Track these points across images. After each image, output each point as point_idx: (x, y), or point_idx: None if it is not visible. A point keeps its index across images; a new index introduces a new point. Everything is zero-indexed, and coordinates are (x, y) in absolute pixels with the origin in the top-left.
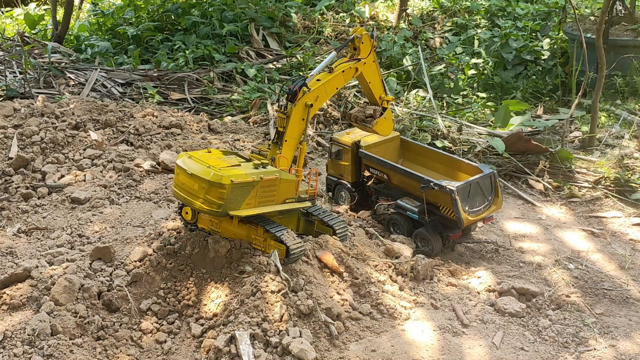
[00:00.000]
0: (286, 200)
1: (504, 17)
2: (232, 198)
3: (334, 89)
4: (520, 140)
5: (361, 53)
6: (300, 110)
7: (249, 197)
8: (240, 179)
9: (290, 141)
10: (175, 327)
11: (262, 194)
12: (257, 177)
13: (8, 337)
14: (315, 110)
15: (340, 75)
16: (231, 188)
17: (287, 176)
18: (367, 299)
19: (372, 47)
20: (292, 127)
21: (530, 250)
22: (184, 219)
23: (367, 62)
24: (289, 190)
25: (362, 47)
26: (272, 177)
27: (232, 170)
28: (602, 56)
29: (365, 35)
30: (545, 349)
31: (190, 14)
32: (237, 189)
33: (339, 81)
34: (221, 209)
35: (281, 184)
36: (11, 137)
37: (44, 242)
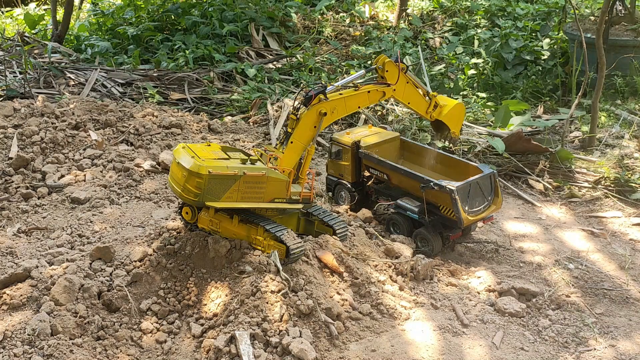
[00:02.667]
0: (275, 199)
1: (504, 17)
2: (210, 189)
3: (356, 106)
4: (520, 140)
5: (389, 80)
6: (311, 116)
7: (230, 191)
8: (219, 171)
9: (296, 144)
10: (175, 327)
11: (245, 189)
12: (239, 172)
13: (8, 337)
14: (329, 121)
15: (364, 95)
16: (208, 179)
17: (276, 175)
18: (367, 299)
19: (400, 70)
20: (301, 131)
21: (530, 250)
22: (184, 219)
23: (398, 87)
24: (279, 190)
25: (388, 75)
26: (257, 173)
27: (214, 162)
28: (602, 56)
29: (388, 62)
30: (545, 349)
31: (190, 14)
32: (215, 180)
33: (362, 100)
34: (197, 198)
35: (269, 182)
36: (11, 137)
37: (44, 242)
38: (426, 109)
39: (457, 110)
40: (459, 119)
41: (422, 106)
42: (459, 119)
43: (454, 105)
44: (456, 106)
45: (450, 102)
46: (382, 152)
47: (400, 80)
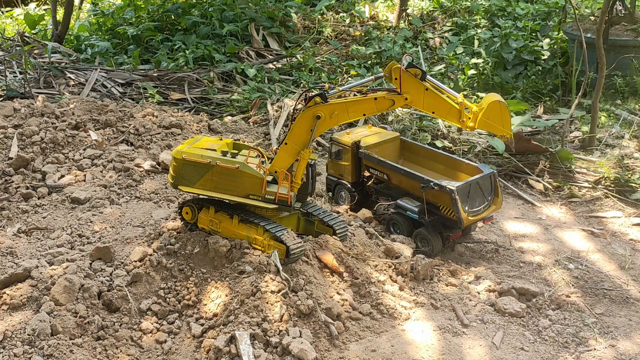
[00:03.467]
0: (250, 195)
1: (504, 17)
2: (184, 174)
3: (360, 113)
4: (520, 140)
5: (400, 88)
6: (306, 119)
7: (203, 179)
8: (193, 158)
9: (290, 145)
10: (175, 327)
11: (218, 180)
12: (212, 161)
13: (8, 337)
14: (328, 126)
15: (371, 102)
16: (182, 164)
17: (250, 171)
18: (367, 299)
19: (415, 76)
20: (295, 132)
21: (530, 250)
22: (184, 219)
23: (413, 94)
24: (253, 186)
25: (397, 82)
26: (229, 165)
27: (194, 149)
28: (602, 56)
29: (395, 69)
30: (545, 349)
31: (190, 14)
32: (188, 166)
33: (368, 107)
34: (173, 181)
35: (242, 177)
36: (11, 137)
37: (44, 242)
38: (459, 117)
39: (492, 112)
40: (501, 120)
41: (453, 115)
42: (501, 120)
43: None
44: (490, 107)
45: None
46: (382, 152)
47: (416, 88)
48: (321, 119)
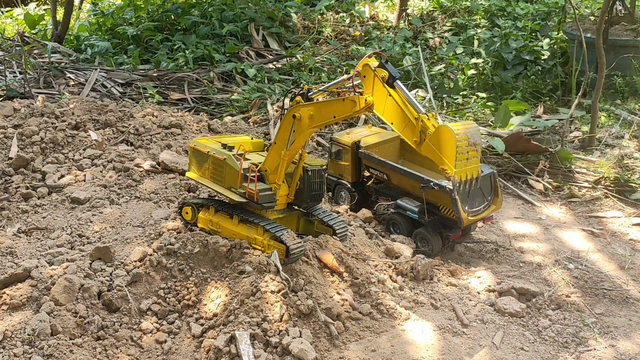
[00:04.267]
0: (231, 188)
1: (503, 17)
2: (193, 161)
3: (331, 115)
4: (520, 140)
5: (365, 88)
6: (288, 118)
7: (203, 167)
8: (198, 147)
9: (278, 144)
10: (175, 327)
11: (212, 170)
12: (210, 152)
13: (8, 337)
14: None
15: (339, 103)
16: (192, 152)
17: (232, 164)
18: (367, 299)
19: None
20: (280, 133)
21: (530, 250)
22: (184, 219)
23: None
24: (233, 179)
25: (365, 80)
26: (219, 157)
27: (207, 141)
28: (602, 56)
29: (366, 67)
30: (545, 349)
31: (190, 14)
32: (195, 155)
33: (337, 109)
34: (187, 168)
35: (226, 169)
36: (11, 137)
37: (44, 242)
38: (412, 137)
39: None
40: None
41: (409, 131)
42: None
43: (434, 132)
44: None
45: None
46: (382, 152)
47: (380, 92)
48: (298, 119)
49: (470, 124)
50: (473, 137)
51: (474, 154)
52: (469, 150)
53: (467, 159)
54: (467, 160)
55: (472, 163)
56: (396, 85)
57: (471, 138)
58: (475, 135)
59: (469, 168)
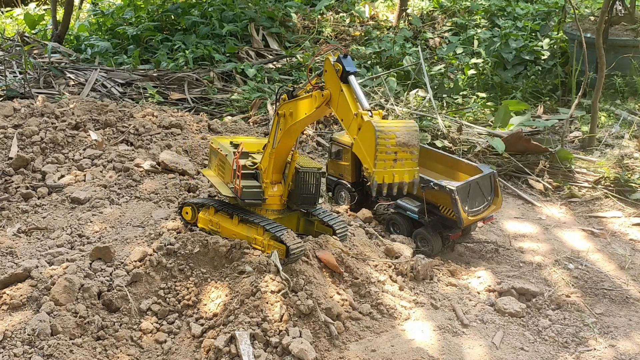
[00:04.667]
0: (228, 183)
1: (503, 17)
2: (209, 158)
3: (304, 112)
4: (520, 140)
5: (326, 83)
6: (275, 117)
7: (216, 163)
8: (214, 145)
9: (269, 143)
10: (175, 327)
11: (220, 166)
12: (219, 149)
13: (8, 337)
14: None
15: (308, 100)
16: (209, 150)
17: (230, 160)
18: (367, 299)
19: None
20: (271, 131)
21: (530, 250)
22: (184, 219)
23: (332, 94)
24: (229, 175)
25: (325, 76)
26: (223, 153)
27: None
28: (602, 56)
29: (326, 62)
30: (545, 349)
31: (190, 14)
32: (212, 152)
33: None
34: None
35: (226, 165)
36: (11, 137)
37: (44, 242)
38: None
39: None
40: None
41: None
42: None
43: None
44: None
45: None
46: None
47: (335, 87)
48: (282, 116)
49: (407, 124)
50: (404, 137)
51: (406, 155)
52: (398, 150)
53: (395, 159)
54: (394, 162)
55: (404, 166)
56: (350, 80)
57: (401, 137)
58: (409, 136)
59: (397, 170)
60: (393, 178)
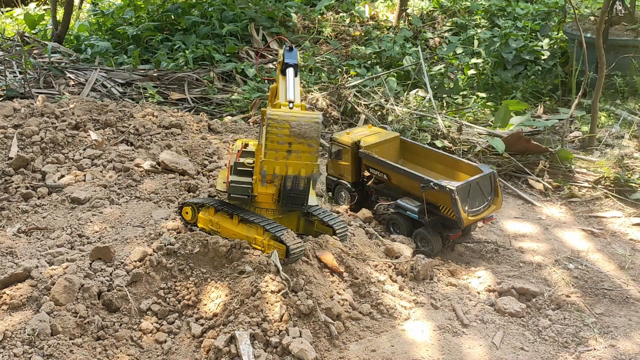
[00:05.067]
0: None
1: (503, 17)
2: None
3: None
4: (520, 140)
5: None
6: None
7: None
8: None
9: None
10: (175, 327)
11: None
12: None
13: (8, 337)
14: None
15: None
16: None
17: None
18: (367, 299)
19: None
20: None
21: (530, 250)
22: (184, 219)
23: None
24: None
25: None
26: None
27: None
28: (602, 56)
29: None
30: (545, 348)
31: (190, 14)
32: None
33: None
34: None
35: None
36: (11, 137)
37: (44, 242)
38: None
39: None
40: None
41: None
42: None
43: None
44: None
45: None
46: (382, 152)
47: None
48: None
49: (308, 115)
50: (300, 128)
51: (302, 148)
52: (292, 141)
53: (289, 151)
54: (287, 153)
55: (300, 159)
56: (286, 73)
57: (296, 128)
58: (307, 127)
59: (291, 163)
60: (286, 170)
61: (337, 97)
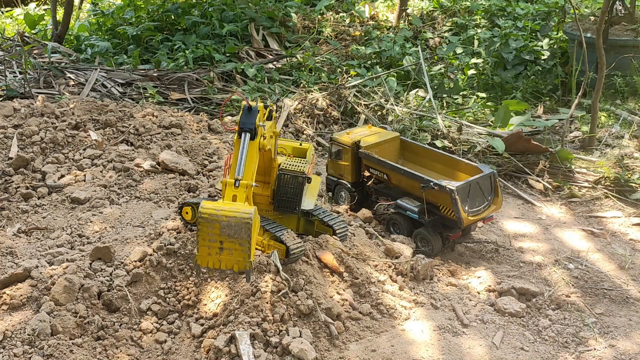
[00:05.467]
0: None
1: (503, 17)
2: None
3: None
4: (520, 140)
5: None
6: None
7: None
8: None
9: None
10: (175, 327)
11: None
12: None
13: (8, 337)
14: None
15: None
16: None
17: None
18: (367, 299)
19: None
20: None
21: (530, 250)
22: (184, 219)
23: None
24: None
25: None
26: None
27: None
28: (602, 56)
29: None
30: (545, 348)
31: (190, 14)
32: None
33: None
34: None
35: None
36: (11, 137)
37: (44, 242)
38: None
39: None
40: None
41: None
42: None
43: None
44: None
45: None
46: (382, 152)
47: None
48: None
49: (242, 215)
50: (230, 229)
51: (234, 246)
52: (224, 240)
53: (221, 248)
54: (220, 250)
55: (233, 255)
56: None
57: (227, 228)
58: (237, 228)
59: (224, 258)
60: (220, 265)
61: (337, 97)
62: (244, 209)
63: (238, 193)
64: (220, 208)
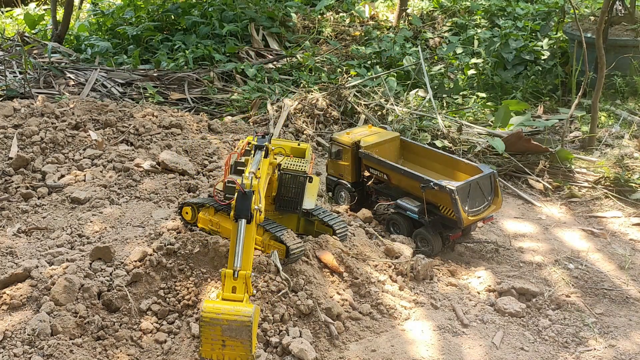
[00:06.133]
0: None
1: (504, 17)
2: None
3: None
4: (520, 140)
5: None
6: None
7: None
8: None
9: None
10: (175, 327)
11: None
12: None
13: (8, 337)
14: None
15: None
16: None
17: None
18: (367, 299)
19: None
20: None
21: (530, 250)
22: (184, 219)
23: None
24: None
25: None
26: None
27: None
28: (602, 56)
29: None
30: (545, 348)
31: (190, 14)
32: None
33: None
34: None
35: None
36: (11, 137)
37: (44, 242)
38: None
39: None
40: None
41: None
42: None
43: None
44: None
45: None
46: (382, 152)
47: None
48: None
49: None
50: (232, 332)
51: (236, 344)
52: (226, 339)
53: (224, 345)
54: (222, 346)
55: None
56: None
57: (227, 331)
58: (237, 331)
59: (227, 353)
60: (223, 357)
61: (337, 97)
62: (244, 310)
63: (237, 285)
64: (221, 311)
